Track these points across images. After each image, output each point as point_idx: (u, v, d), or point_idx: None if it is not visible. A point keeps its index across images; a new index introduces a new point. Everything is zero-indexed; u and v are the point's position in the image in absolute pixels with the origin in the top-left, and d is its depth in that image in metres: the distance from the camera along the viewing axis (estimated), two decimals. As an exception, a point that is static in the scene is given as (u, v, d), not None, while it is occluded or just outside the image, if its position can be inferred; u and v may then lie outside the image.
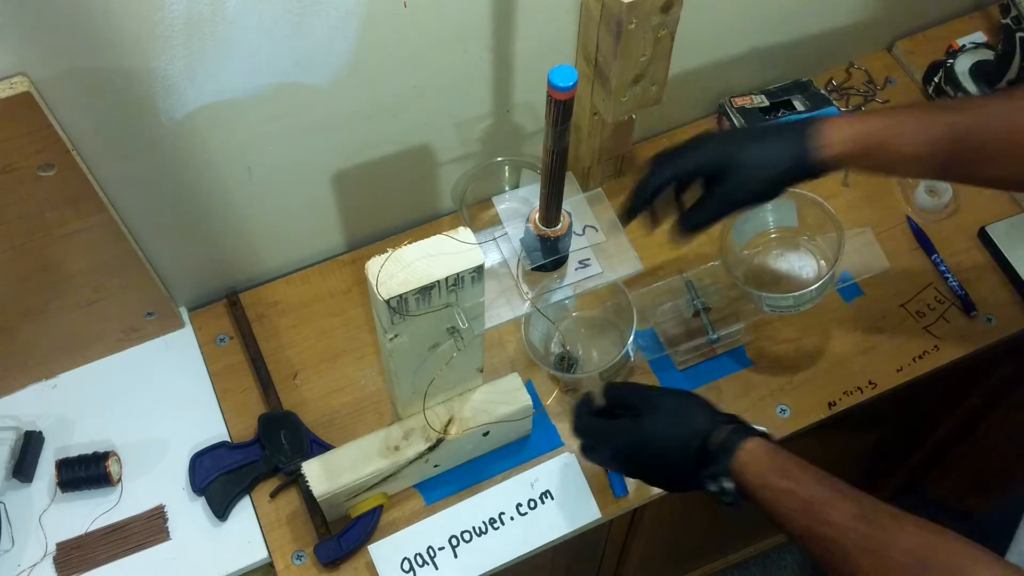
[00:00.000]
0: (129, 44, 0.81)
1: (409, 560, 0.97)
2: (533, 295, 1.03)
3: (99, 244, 0.94)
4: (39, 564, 0.97)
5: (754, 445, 0.79)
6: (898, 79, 1.32)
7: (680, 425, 0.84)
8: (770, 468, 0.77)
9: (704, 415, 0.84)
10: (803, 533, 0.74)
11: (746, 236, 1.10)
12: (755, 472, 0.78)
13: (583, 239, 1.17)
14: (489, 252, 1.16)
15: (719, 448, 0.80)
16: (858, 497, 0.73)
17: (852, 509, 0.72)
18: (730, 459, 0.79)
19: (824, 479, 0.75)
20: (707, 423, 0.83)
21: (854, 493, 0.73)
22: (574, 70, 0.84)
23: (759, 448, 0.79)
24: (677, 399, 0.87)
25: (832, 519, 0.72)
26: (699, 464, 0.82)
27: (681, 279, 1.09)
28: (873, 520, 0.70)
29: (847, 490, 0.74)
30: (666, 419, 0.85)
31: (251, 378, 1.08)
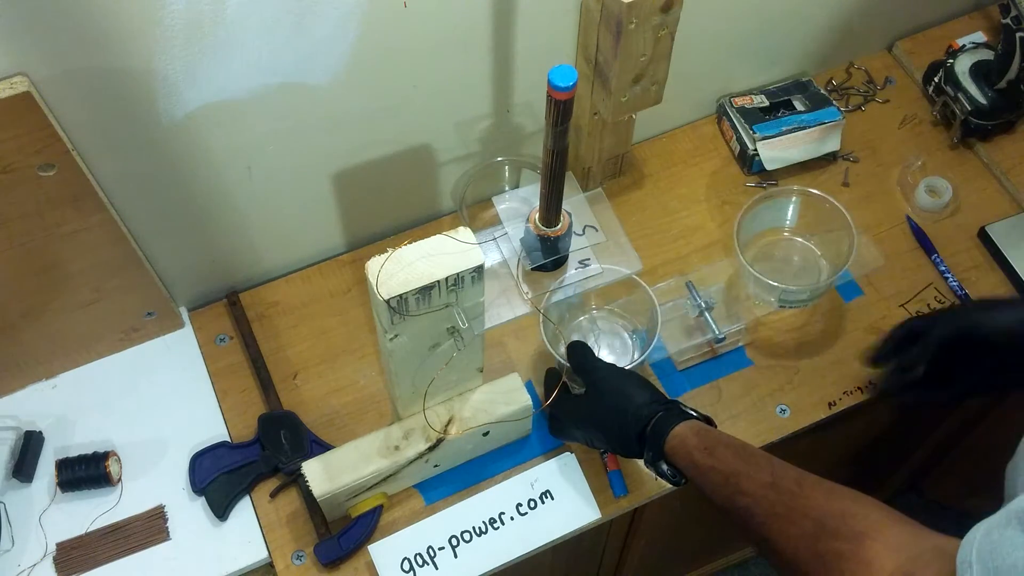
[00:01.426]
0: (129, 44, 0.81)
1: (409, 560, 0.97)
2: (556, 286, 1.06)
3: (99, 244, 0.94)
4: (39, 564, 0.97)
5: (682, 429, 0.83)
6: (898, 79, 1.32)
7: (618, 409, 0.89)
8: (695, 448, 0.82)
9: (640, 400, 0.89)
10: (725, 504, 0.78)
11: (751, 234, 1.11)
12: (683, 454, 0.83)
13: (583, 239, 1.17)
14: (489, 252, 1.16)
15: (652, 433, 0.86)
16: (772, 466, 0.76)
17: (763, 478, 0.75)
18: (662, 443, 0.84)
19: (743, 453, 0.80)
20: (642, 407, 0.88)
21: (770, 463, 0.77)
22: (574, 70, 0.85)
23: (686, 430, 0.83)
24: (614, 381, 0.92)
25: (746, 488, 0.76)
26: (640, 446, 0.87)
27: (681, 280, 1.09)
28: (781, 487, 0.74)
29: (763, 461, 0.77)
30: (606, 401, 0.91)
31: (251, 378, 1.08)
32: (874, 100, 1.30)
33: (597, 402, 0.92)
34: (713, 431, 0.84)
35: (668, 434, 0.84)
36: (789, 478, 0.74)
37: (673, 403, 0.88)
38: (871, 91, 1.30)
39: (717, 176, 1.24)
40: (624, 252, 1.17)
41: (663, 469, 0.85)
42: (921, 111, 1.28)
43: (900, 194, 1.22)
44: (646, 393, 0.90)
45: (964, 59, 1.23)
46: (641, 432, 0.87)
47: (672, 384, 1.08)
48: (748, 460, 0.78)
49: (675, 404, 0.88)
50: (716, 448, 0.81)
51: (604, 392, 0.92)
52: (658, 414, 0.86)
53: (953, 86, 1.22)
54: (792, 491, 0.73)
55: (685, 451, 0.82)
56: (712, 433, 0.83)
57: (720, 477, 0.79)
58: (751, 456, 0.79)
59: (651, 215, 1.20)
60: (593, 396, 0.93)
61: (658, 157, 1.25)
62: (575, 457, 1.02)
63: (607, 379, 0.93)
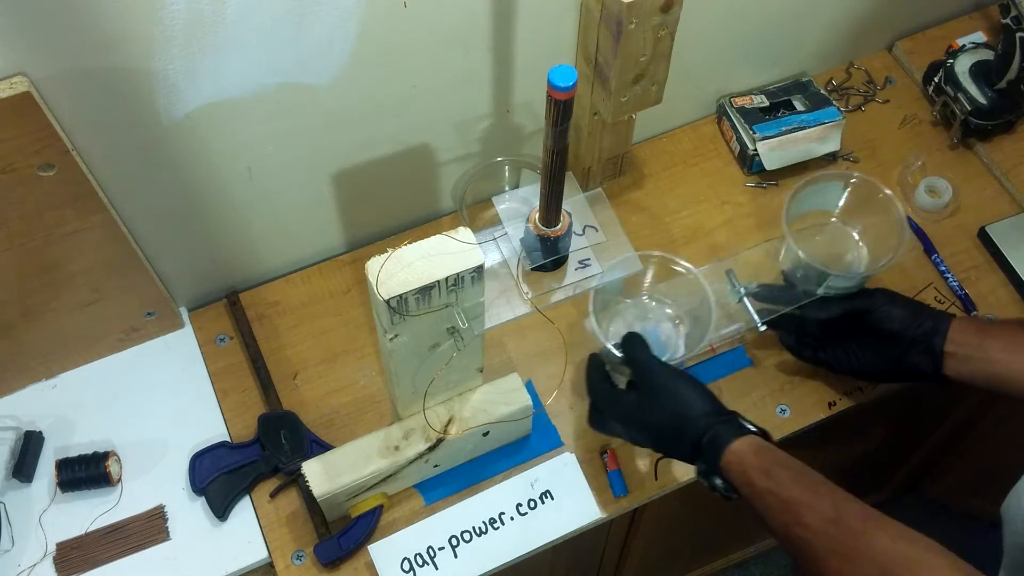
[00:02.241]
0: (129, 44, 0.81)
1: (409, 560, 0.97)
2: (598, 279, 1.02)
3: (99, 244, 0.94)
4: (39, 564, 0.97)
5: (740, 445, 0.81)
6: (898, 79, 1.32)
7: (674, 416, 0.86)
8: (753, 467, 0.79)
9: (699, 409, 0.85)
10: (781, 532, 0.76)
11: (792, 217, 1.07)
12: (739, 472, 0.80)
13: (583, 239, 1.17)
14: (489, 252, 1.16)
15: (708, 445, 0.82)
16: (835, 499, 0.74)
17: (826, 512, 0.73)
18: (718, 458, 0.81)
19: (804, 479, 0.76)
20: (700, 418, 0.84)
21: (832, 495, 0.74)
22: (574, 70, 0.85)
23: (745, 448, 0.80)
24: (671, 384, 0.88)
25: (806, 520, 0.73)
26: (693, 455, 0.85)
27: (719, 266, 1.03)
28: (844, 525, 0.71)
29: (825, 491, 0.75)
30: (662, 405, 0.87)
31: (251, 378, 1.08)
32: (874, 100, 1.30)
33: (650, 403, 0.88)
34: (773, 450, 0.80)
35: (725, 449, 0.81)
36: (854, 514, 0.72)
37: (732, 415, 0.85)
38: (871, 91, 1.30)
39: (717, 176, 1.24)
40: (624, 252, 1.17)
41: (716, 483, 0.83)
42: (921, 111, 1.28)
43: (900, 194, 1.22)
44: (705, 401, 0.86)
45: (964, 59, 1.23)
46: (697, 442, 0.84)
47: (672, 384, 1.08)
48: (809, 488, 0.75)
49: (734, 416, 0.85)
50: (775, 470, 0.78)
51: (659, 394, 0.88)
52: (716, 426, 0.83)
53: (953, 86, 1.22)
54: (856, 530, 0.70)
55: (742, 469, 0.79)
56: (772, 453, 0.80)
57: (778, 503, 0.76)
58: (813, 484, 0.76)
59: (651, 215, 1.20)
60: (646, 396, 0.89)
61: (658, 157, 1.25)
62: (575, 457, 1.02)
63: (664, 380, 0.88)
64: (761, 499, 0.78)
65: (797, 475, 0.77)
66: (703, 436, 0.83)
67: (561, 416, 1.06)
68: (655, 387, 0.89)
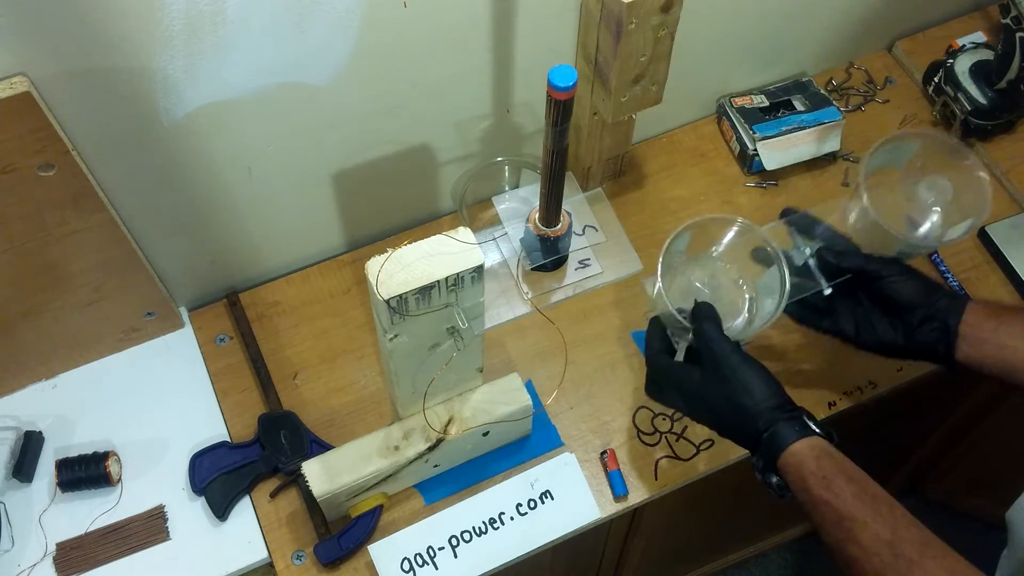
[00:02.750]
0: (129, 44, 0.81)
1: (409, 560, 0.97)
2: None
3: (99, 244, 0.94)
4: (39, 564, 0.97)
5: (801, 448, 0.78)
6: (898, 79, 1.32)
7: (737, 405, 0.82)
8: (812, 474, 0.76)
9: (763, 402, 0.81)
10: (834, 546, 0.74)
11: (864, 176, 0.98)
12: (796, 476, 0.77)
13: (583, 239, 1.17)
14: (489, 252, 1.16)
15: (768, 442, 0.80)
16: (894, 521, 0.71)
17: (883, 534, 0.71)
18: (776, 457, 0.79)
19: (864, 494, 0.74)
20: (763, 413, 0.81)
21: (892, 515, 0.72)
22: (574, 70, 0.85)
23: (806, 451, 0.77)
24: (742, 374, 0.83)
25: (861, 539, 0.72)
26: (752, 448, 0.82)
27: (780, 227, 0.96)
28: (899, 551, 0.69)
29: (885, 511, 0.72)
30: (726, 392, 0.83)
31: (251, 378, 1.08)
32: (874, 100, 1.30)
33: (713, 385, 0.84)
34: (835, 456, 0.77)
35: (785, 450, 0.78)
36: (911, 541, 0.70)
37: (797, 412, 0.81)
38: (871, 91, 1.30)
39: (717, 176, 1.24)
40: (624, 252, 1.17)
41: (771, 480, 0.80)
42: (921, 111, 1.28)
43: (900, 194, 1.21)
44: (771, 394, 0.82)
45: (964, 59, 1.23)
46: (757, 436, 0.81)
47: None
48: (869, 505, 0.73)
49: (799, 414, 0.81)
50: (835, 481, 0.75)
51: (725, 377, 0.83)
52: (778, 423, 0.79)
53: (953, 86, 1.22)
54: (911, 559, 0.68)
55: (799, 475, 0.77)
56: (833, 459, 0.77)
57: (834, 515, 0.74)
58: (873, 501, 0.73)
59: (651, 215, 1.20)
60: (710, 378, 0.84)
61: (658, 157, 1.25)
62: (575, 457, 1.02)
63: (731, 363, 0.83)
64: (816, 508, 0.75)
65: (858, 489, 0.74)
66: (764, 432, 0.80)
67: (561, 416, 1.06)
68: (721, 371, 0.84)
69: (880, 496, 0.74)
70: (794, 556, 1.86)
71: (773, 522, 1.72)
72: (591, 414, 1.06)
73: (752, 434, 0.81)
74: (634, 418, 1.06)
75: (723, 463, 1.04)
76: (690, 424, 1.05)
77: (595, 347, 1.10)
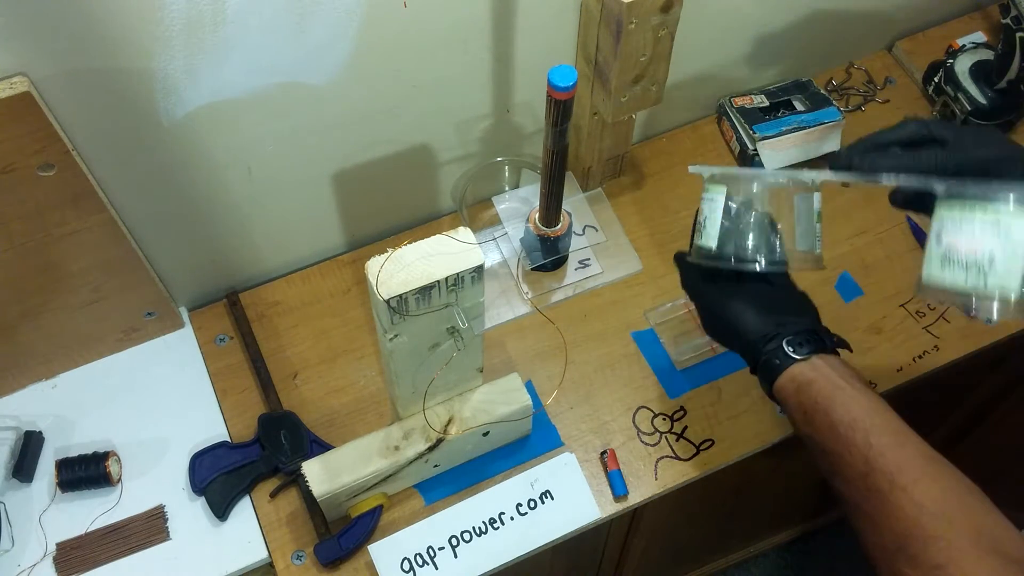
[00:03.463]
0: (129, 44, 0.81)
1: (409, 560, 0.97)
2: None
3: (99, 244, 0.94)
4: (39, 564, 0.97)
5: (784, 382, 0.77)
6: (898, 79, 1.32)
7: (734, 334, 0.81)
8: (795, 409, 0.76)
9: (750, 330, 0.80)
10: (828, 480, 0.74)
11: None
12: (788, 409, 0.77)
13: (583, 239, 1.17)
14: (489, 252, 1.16)
15: (761, 375, 0.80)
16: (869, 450, 0.70)
17: (857, 466, 0.70)
18: (770, 389, 0.79)
19: (838, 428, 0.72)
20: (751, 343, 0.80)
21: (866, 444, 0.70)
22: (574, 70, 0.85)
23: (788, 385, 0.77)
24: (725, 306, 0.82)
25: (840, 471, 0.71)
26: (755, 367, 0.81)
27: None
28: (872, 484, 0.68)
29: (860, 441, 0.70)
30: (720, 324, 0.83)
31: (251, 378, 1.08)
32: (874, 100, 1.30)
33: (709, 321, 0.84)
34: (813, 386, 0.75)
35: (773, 386, 0.78)
36: (882, 473, 0.68)
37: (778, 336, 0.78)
38: (871, 91, 1.30)
39: (717, 176, 1.24)
40: (624, 252, 1.17)
41: (779, 409, 0.80)
42: (921, 111, 1.28)
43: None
44: (755, 320, 0.80)
45: (964, 59, 1.23)
46: (754, 368, 0.81)
47: (672, 384, 1.08)
48: (842, 440, 0.71)
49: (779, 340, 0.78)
50: (815, 415, 0.74)
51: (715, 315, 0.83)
52: (765, 354, 0.78)
53: (953, 86, 1.22)
54: (883, 491, 0.67)
55: (788, 409, 0.77)
56: (811, 390, 0.75)
57: (817, 449, 0.73)
58: (848, 433, 0.71)
59: (651, 215, 1.20)
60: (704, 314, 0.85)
61: (658, 157, 1.25)
62: (575, 457, 1.02)
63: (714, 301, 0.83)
64: (806, 441, 0.75)
65: (833, 425, 0.72)
66: (757, 363, 0.80)
67: (561, 416, 1.06)
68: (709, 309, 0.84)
69: (855, 427, 0.71)
70: (794, 556, 1.86)
71: (773, 522, 1.72)
72: (591, 414, 1.06)
73: (752, 365, 0.81)
74: (634, 418, 1.06)
75: (723, 463, 1.04)
76: (690, 424, 1.05)
77: (595, 347, 1.10)
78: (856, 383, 0.75)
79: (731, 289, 0.83)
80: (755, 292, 0.83)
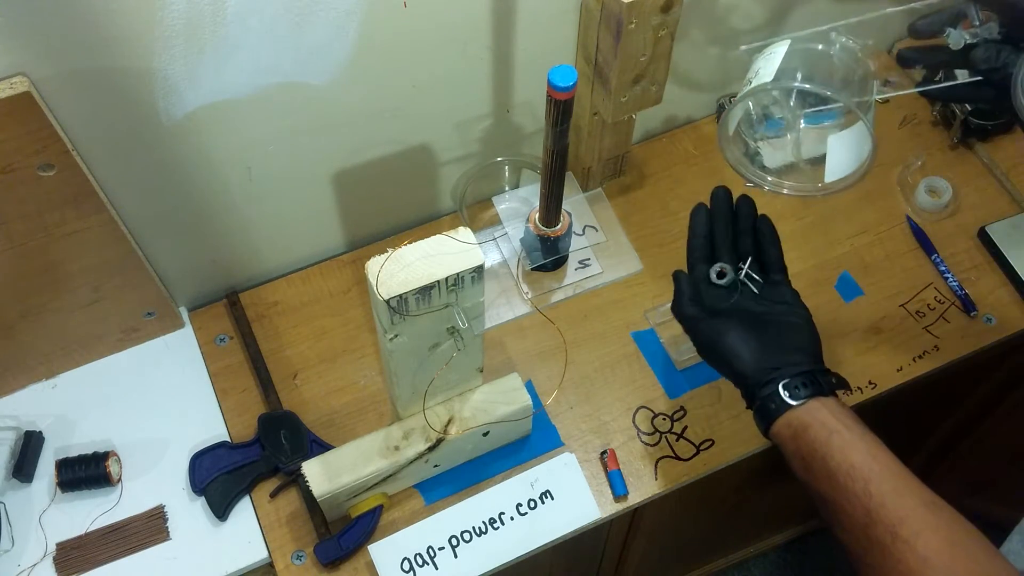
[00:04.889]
0: (129, 44, 0.81)
1: (409, 560, 0.97)
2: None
3: (99, 244, 0.94)
4: (39, 564, 0.97)
5: (779, 428, 0.76)
6: (898, 79, 1.32)
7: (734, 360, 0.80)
8: (793, 456, 0.75)
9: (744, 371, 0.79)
10: (827, 525, 0.73)
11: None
12: (782, 448, 0.76)
13: (583, 239, 1.17)
14: (489, 252, 1.16)
15: (760, 408, 0.78)
16: (869, 501, 0.69)
17: (858, 517, 0.69)
18: (767, 427, 0.77)
19: (838, 473, 0.71)
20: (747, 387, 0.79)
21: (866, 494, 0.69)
22: (574, 70, 0.85)
23: (784, 432, 0.75)
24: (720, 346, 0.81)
25: (842, 523, 0.70)
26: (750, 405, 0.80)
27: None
28: (873, 535, 0.68)
29: (858, 490, 0.70)
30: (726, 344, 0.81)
31: (251, 378, 1.08)
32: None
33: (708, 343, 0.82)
34: (809, 431, 0.73)
35: (770, 430, 0.77)
36: (884, 525, 0.67)
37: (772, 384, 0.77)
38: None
39: (717, 176, 1.23)
40: (624, 252, 1.17)
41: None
42: (921, 111, 1.28)
43: (900, 194, 1.22)
44: (752, 360, 0.78)
45: (964, 59, 1.22)
46: (750, 407, 0.79)
47: (672, 384, 1.08)
48: (841, 489, 0.70)
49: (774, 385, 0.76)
50: (812, 462, 0.72)
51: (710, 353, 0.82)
52: (759, 399, 0.77)
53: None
54: (885, 545, 0.66)
55: (786, 454, 0.75)
56: (810, 434, 0.73)
57: (817, 497, 0.72)
58: (846, 482, 0.70)
59: (651, 215, 1.20)
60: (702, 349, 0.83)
61: (658, 157, 1.25)
62: (575, 457, 1.02)
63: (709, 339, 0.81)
64: (806, 491, 0.74)
65: (832, 469, 0.71)
66: (751, 407, 0.79)
67: (561, 416, 1.06)
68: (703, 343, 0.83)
69: (855, 468, 0.70)
70: (794, 556, 1.86)
71: (773, 522, 1.72)
72: (591, 414, 1.06)
73: (747, 403, 0.81)
74: (634, 418, 1.06)
75: (723, 463, 1.04)
76: (690, 424, 1.05)
77: (595, 347, 1.10)
78: (854, 426, 0.74)
79: (726, 324, 0.82)
80: (752, 325, 0.81)
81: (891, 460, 0.73)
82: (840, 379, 0.80)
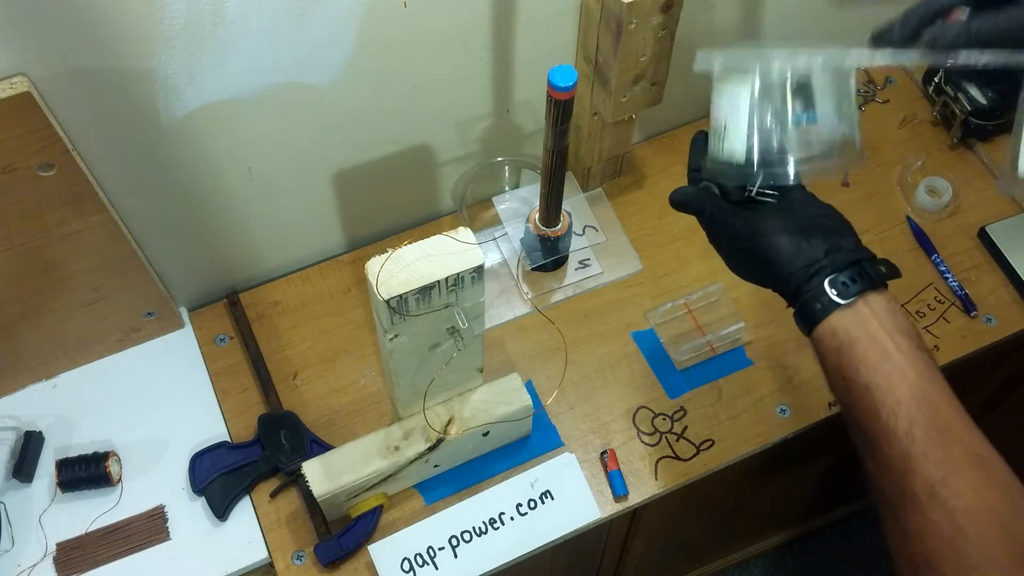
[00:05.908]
0: (129, 44, 0.81)
1: (409, 560, 0.97)
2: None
3: (99, 244, 0.94)
4: (39, 564, 0.97)
5: (822, 333, 0.67)
6: (898, 79, 1.32)
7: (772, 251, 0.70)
8: (832, 369, 0.67)
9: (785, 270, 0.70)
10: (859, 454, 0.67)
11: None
12: (822, 359, 0.68)
13: (583, 239, 1.17)
14: (489, 252, 1.16)
15: (804, 307, 0.69)
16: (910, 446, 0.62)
17: (895, 462, 0.62)
18: (809, 329, 0.69)
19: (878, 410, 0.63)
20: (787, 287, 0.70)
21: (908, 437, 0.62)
22: (574, 70, 0.85)
23: (826, 337, 0.67)
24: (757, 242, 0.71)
25: (877, 460, 0.64)
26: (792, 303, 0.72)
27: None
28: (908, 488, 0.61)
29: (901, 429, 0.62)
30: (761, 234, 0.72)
31: (251, 378, 1.08)
32: (874, 100, 1.30)
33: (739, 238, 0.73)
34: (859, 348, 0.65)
35: (810, 337, 0.68)
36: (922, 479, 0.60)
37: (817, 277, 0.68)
38: (871, 91, 1.30)
39: (717, 176, 1.24)
40: (624, 252, 1.17)
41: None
42: (921, 111, 1.28)
43: (900, 194, 1.22)
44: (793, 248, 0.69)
45: (964, 59, 1.23)
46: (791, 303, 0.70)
47: (672, 384, 1.08)
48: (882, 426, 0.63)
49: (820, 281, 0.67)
50: (854, 387, 0.65)
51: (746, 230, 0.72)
52: (800, 299, 0.68)
53: (953, 86, 1.22)
54: (920, 501, 0.60)
55: (826, 367, 0.67)
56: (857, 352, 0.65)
57: (854, 424, 0.65)
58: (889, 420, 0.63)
59: (651, 215, 1.20)
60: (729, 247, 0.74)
61: (658, 157, 1.25)
62: (575, 457, 1.02)
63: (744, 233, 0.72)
64: (841, 410, 0.67)
65: (876, 401, 0.63)
66: (795, 301, 0.70)
67: (561, 416, 1.06)
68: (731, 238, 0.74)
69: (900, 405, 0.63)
70: (794, 556, 1.86)
71: (773, 522, 1.72)
72: (591, 414, 1.06)
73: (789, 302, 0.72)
74: (634, 418, 1.06)
75: (723, 463, 1.04)
76: (690, 424, 1.05)
77: (595, 347, 1.10)
78: (906, 346, 0.66)
79: (759, 211, 0.72)
80: (789, 211, 0.72)
81: (942, 395, 0.65)
82: (890, 266, 0.71)
